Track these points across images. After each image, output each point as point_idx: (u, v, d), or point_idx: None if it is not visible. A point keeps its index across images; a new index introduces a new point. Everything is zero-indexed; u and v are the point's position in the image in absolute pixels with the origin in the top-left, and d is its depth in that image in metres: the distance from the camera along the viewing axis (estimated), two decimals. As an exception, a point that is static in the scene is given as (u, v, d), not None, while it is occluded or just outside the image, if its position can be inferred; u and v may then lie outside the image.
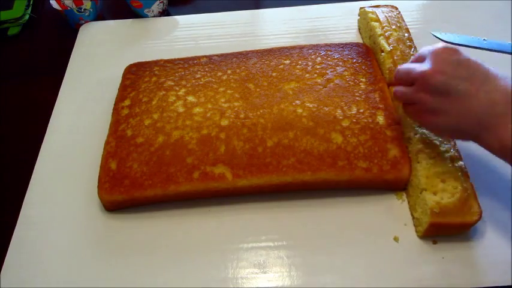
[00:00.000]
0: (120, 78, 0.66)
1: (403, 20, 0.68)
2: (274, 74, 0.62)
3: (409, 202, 0.53)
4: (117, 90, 0.64)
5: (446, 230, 0.48)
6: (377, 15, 0.68)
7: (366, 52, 0.65)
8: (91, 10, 0.80)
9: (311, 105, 0.57)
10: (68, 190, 0.57)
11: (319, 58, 0.64)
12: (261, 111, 0.57)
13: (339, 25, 0.77)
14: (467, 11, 0.76)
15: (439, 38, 0.64)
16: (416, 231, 0.51)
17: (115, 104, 0.62)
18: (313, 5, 0.81)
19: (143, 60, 0.68)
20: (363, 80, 0.60)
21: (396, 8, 0.71)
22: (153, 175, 0.53)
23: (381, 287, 0.47)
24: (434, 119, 0.46)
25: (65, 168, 0.60)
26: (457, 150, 0.52)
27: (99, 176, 0.55)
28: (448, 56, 0.44)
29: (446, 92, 0.44)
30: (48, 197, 0.57)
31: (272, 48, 0.67)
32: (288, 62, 0.64)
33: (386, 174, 0.52)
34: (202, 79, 0.63)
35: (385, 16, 0.68)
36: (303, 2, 0.82)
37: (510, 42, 0.62)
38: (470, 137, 0.45)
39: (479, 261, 0.48)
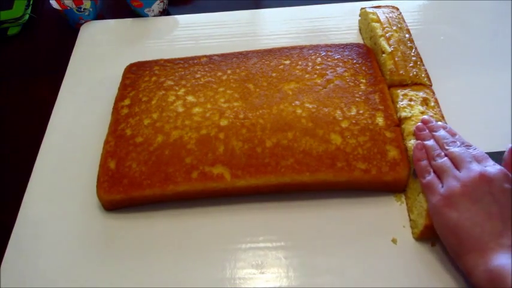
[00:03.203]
0: (120, 78, 0.66)
1: (404, 21, 0.68)
2: (274, 75, 0.62)
3: (407, 204, 0.53)
4: (117, 90, 0.64)
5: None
6: (378, 16, 0.68)
7: (367, 53, 0.65)
8: (91, 10, 0.80)
9: (310, 106, 0.57)
10: (67, 189, 0.58)
11: (319, 59, 0.64)
12: (261, 111, 0.57)
13: (339, 25, 0.76)
14: (467, 11, 0.76)
15: None
16: (412, 233, 0.51)
17: (115, 104, 0.62)
18: (314, 5, 0.80)
19: (143, 59, 0.68)
20: (363, 81, 0.60)
21: (397, 9, 0.71)
22: (152, 175, 0.53)
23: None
24: (447, 209, 0.44)
25: (64, 168, 0.60)
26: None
27: (98, 175, 0.55)
28: (504, 181, 0.44)
29: (478, 199, 0.43)
30: (47, 196, 0.57)
31: (272, 49, 0.67)
32: (288, 62, 0.64)
33: (385, 176, 0.52)
34: (202, 79, 0.63)
35: (386, 17, 0.68)
36: (304, 2, 0.81)
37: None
38: (460, 252, 0.43)
39: (477, 263, 0.47)
